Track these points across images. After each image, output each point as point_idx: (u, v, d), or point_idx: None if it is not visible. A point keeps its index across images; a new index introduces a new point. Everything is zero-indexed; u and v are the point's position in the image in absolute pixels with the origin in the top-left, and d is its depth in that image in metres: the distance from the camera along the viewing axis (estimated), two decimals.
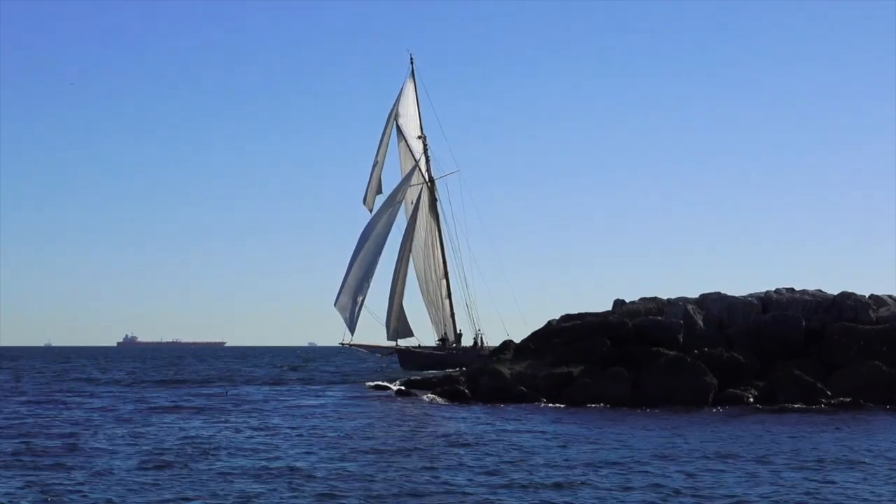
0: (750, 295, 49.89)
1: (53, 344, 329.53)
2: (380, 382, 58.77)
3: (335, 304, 78.60)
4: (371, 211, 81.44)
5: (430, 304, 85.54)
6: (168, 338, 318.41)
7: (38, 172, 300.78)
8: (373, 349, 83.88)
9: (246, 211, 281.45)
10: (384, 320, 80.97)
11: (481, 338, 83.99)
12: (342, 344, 79.36)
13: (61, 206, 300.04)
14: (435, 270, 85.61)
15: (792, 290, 50.56)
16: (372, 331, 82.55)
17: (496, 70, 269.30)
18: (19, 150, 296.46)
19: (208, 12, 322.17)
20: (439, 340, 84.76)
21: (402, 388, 52.08)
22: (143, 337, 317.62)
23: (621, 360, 46.21)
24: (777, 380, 44.57)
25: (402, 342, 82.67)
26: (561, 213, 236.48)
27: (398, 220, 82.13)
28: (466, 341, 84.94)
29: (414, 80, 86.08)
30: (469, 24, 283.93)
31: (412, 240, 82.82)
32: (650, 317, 49.11)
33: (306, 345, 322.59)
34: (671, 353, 45.62)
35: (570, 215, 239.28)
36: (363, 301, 78.65)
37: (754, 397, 43.86)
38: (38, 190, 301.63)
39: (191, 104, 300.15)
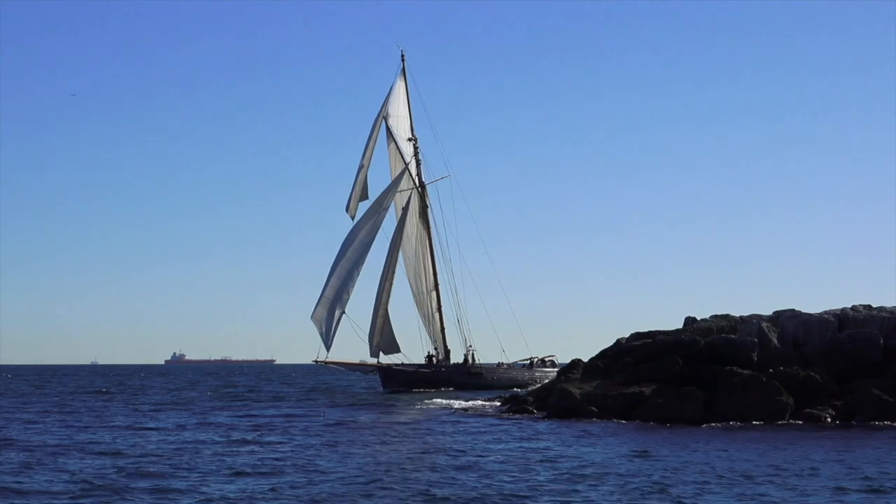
0: (826, 312, 48.76)
1: (99, 362, 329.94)
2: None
3: (311, 317, 74.16)
4: (353, 219, 77.08)
5: (423, 317, 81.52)
6: (217, 356, 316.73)
7: (84, 188, 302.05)
8: (352, 367, 79.65)
9: (293, 225, 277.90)
10: (367, 336, 76.28)
11: (472, 354, 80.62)
12: (317, 361, 74.84)
13: (107, 224, 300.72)
14: (425, 282, 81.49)
15: (869, 306, 49.23)
16: (353, 347, 79.20)
17: (492, 70, 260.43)
18: (62, 168, 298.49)
19: (188, 10, 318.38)
20: (427, 357, 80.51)
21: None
22: (192, 355, 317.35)
23: (693, 379, 45.33)
24: (854, 399, 43.48)
25: (387, 359, 77.90)
26: (561, 222, 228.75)
27: (385, 228, 77.79)
28: (456, 357, 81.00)
29: (405, 78, 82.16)
30: (464, 21, 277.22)
31: (399, 249, 78.62)
32: (723, 335, 48.14)
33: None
34: (745, 372, 44.65)
35: (572, 225, 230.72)
36: (341, 315, 74.27)
37: (831, 417, 42.83)
38: (79, 207, 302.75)
39: (190, 107, 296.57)
